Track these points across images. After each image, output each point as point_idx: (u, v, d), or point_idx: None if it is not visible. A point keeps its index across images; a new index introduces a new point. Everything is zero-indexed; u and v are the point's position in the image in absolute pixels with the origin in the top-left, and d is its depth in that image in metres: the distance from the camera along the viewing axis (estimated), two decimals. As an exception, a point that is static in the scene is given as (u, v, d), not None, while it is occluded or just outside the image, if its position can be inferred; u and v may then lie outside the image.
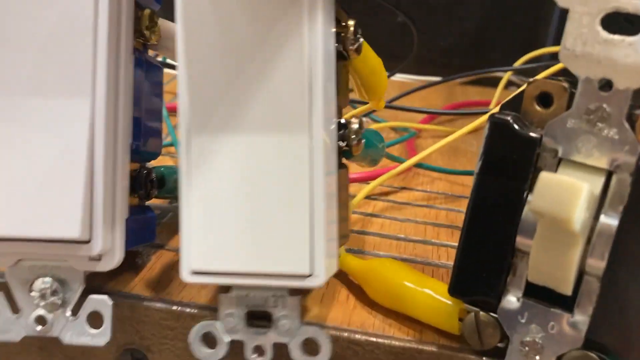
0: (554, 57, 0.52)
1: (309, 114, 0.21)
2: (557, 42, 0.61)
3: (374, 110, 0.48)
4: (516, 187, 0.21)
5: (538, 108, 0.21)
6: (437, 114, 0.51)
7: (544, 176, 0.19)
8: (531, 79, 0.21)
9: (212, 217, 0.22)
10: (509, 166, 0.21)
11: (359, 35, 0.23)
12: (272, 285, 0.22)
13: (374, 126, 0.46)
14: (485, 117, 0.35)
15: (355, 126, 0.23)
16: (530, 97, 0.21)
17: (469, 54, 0.69)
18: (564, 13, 0.19)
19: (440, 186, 0.39)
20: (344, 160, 0.25)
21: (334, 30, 0.22)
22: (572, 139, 0.20)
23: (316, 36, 0.21)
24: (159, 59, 0.43)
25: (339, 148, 0.23)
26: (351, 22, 0.23)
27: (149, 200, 0.27)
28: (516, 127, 0.20)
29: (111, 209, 0.23)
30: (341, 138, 0.23)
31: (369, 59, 0.26)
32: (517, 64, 0.50)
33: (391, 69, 0.55)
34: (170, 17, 0.23)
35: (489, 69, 0.53)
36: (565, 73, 0.20)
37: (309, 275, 0.21)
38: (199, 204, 0.22)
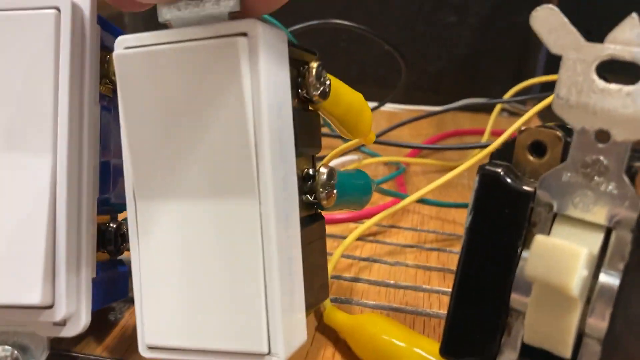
0: (544, 88, 0.51)
1: (256, 175, 0.19)
2: (547, 69, 0.61)
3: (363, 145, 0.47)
4: (509, 244, 0.19)
5: (531, 158, 0.19)
6: (428, 149, 0.50)
7: (539, 240, 0.17)
8: (523, 127, 0.19)
9: (161, 289, 0.20)
10: (501, 221, 0.19)
11: (324, 78, 0.21)
12: None
13: (366, 161, 0.45)
14: (479, 155, 0.34)
15: (323, 177, 0.21)
16: (522, 146, 0.19)
17: (459, 79, 0.68)
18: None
19: (431, 224, 0.38)
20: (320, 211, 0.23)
21: (287, 77, 0.20)
22: (568, 194, 0.18)
23: (259, 87, 0.18)
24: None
25: (308, 202, 0.21)
26: (314, 65, 0.21)
27: (120, 255, 0.25)
28: (508, 180, 0.19)
29: (76, 271, 0.21)
30: (309, 191, 0.21)
31: (343, 98, 0.23)
32: (508, 95, 0.49)
33: (380, 99, 0.54)
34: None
35: (480, 102, 0.52)
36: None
37: (267, 354, 0.19)
38: (147, 274, 0.20)
